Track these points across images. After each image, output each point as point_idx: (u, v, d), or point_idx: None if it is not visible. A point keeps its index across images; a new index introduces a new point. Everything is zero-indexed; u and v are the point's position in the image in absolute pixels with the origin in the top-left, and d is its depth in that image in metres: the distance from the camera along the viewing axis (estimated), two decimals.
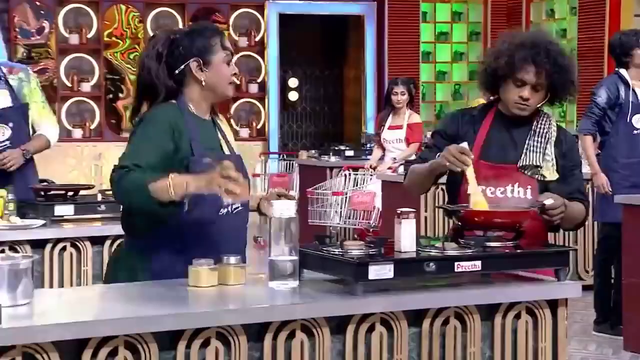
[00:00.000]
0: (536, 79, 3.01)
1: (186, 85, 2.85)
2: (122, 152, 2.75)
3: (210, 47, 2.84)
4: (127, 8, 10.61)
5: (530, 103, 3.04)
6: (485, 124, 3.11)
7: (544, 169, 3.03)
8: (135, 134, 2.79)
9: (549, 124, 3.10)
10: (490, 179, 3.02)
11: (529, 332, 2.72)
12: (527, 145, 3.05)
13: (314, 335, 2.47)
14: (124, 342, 2.28)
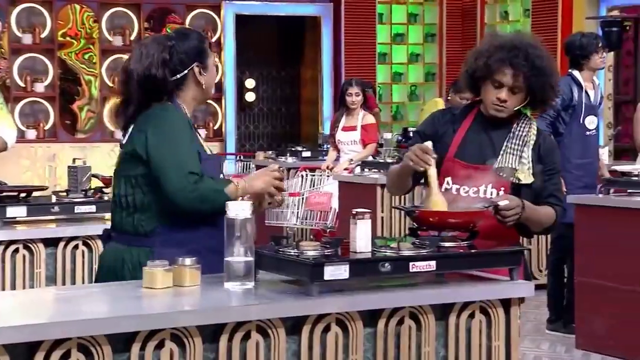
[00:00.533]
0: (513, 82, 3.02)
1: (183, 88, 2.92)
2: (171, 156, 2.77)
3: (206, 50, 2.95)
4: (82, 8, 10.50)
5: (507, 105, 3.05)
6: (464, 124, 3.12)
7: (519, 172, 3.04)
8: (171, 139, 2.80)
9: (529, 127, 3.09)
10: (464, 179, 3.04)
11: (482, 331, 2.74)
12: (504, 148, 3.06)
13: (270, 336, 2.47)
14: (77, 345, 2.26)
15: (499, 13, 11.18)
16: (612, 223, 5.08)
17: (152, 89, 2.88)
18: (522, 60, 3.01)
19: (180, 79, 2.91)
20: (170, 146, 2.81)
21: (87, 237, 4.13)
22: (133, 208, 2.86)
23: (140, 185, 2.86)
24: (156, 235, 2.83)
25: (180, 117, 2.89)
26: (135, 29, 10.71)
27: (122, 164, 2.92)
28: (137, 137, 2.85)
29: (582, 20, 9.71)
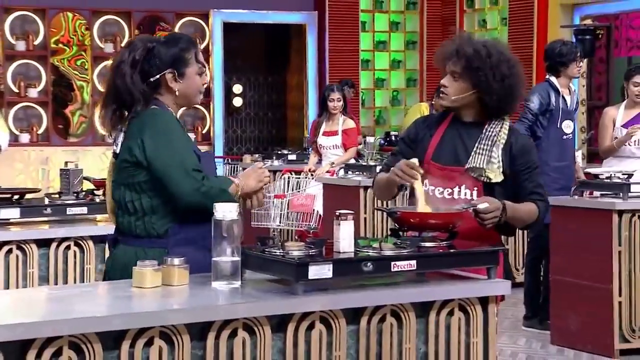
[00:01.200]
0: (454, 67, 3.07)
1: (160, 92, 2.89)
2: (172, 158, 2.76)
3: (186, 59, 2.89)
4: (74, 16, 10.46)
5: (447, 91, 3.09)
6: (440, 128, 3.14)
7: (489, 171, 3.04)
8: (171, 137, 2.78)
9: (500, 127, 3.09)
10: (439, 180, 3.07)
11: (461, 328, 2.75)
12: (475, 149, 3.07)
13: (256, 333, 2.46)
14: (69, 343, 2.24)
15: (477, 21, 11.22)
16: (586, 224, 5.09)
17: (122, 89, 2.83)
18: (454, 46, 3.08)
19: (155, 83, 2.87)
20: (169, 148, 2.79)
21: (79, 237, 4.12)
22: (142, 212, 2.83)
23: (145, 190, 2.82)
24: (170, 235, 2.80)
25: (171, 117, 2.86)
26: (126, 36, 10.68)
27: (120, 173, 2.86)
28: (134, 145, 2.80)
29: (557, 28, 9.76)
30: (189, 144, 2.85)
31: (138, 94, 2.83)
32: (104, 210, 4.34)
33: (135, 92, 2.83)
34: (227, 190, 2.79)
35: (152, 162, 2.78)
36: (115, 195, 2.89)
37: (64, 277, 4.05)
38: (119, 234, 2.91)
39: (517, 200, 3.06)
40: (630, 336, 5.03)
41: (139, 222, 2.83)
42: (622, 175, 5.15)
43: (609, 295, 4.99)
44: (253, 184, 2.86)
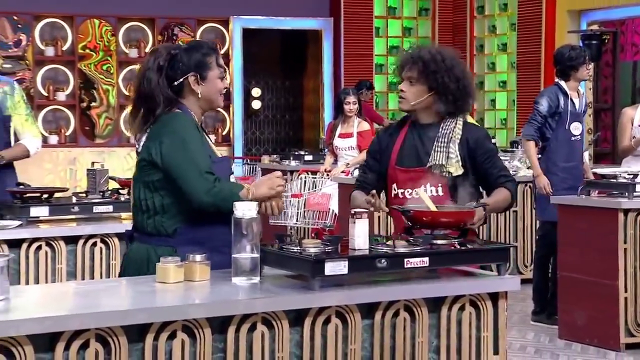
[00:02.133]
0: (410, 73, 3.17)
1: (183, 96, 2.92)
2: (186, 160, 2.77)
3: (207, 63, 2.92)
4: (100, 22, 10.50)
5: (405, 95, 3.19)
6: (401, 134, 3.25)
7: (449, 166, 3.13)
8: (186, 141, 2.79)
9: (453, 124, 3.19)
10: (406, 182, 3.16)
11: (472, 323, 2.74)
12: (434, 148, 3.17)
13: (274, 327, 2.46)
14: (95, 335, 2.25)
15: (487, 27, 11.17)
16: (593, 222, 5.06)
17: (149, 93, 2.86)
18: (420, 55, 3.16)
19: (179, 87, 2.90)
20: (184, 151, 2.80)
21: (105, 235, 4.13)
22: (153, 211, 2.84)
23: (158, 189, 2.84)
24: (178, 235, 2.81)
25: (189, 122, 2.87)
26: (150, 41, 10.71)
27: (139, 171, 2.90)
28: (152, 146, 2.83)
29: (565, 33, 9.70)
30: (204, 148, 2.86)
31: (162, 98, 2.86)
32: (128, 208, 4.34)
33: (159, 96, 2.86)
34: (238, 194, 2.78)
35: (166, 163, 2.80)
36: (134, 193, 2.92)
37: (90, 272, 4.06)
38: (135, 231, 2.94)
39: (487, 186, 3.19)
40: (636, 330, 5.00)
41: (150, 220, 2.84)
42: (627, 175, 5.12)
43: (615, 291, 4.96)
44: (264, 191, 2.83)
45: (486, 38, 11.18)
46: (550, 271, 5.72)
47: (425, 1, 11.61)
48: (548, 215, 5.62)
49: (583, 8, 9.82)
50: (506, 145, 9.57)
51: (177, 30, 10.88)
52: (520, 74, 10.56)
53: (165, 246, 2.79)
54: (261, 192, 2.84)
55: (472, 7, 11.20)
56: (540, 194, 5.73)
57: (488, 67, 11.15)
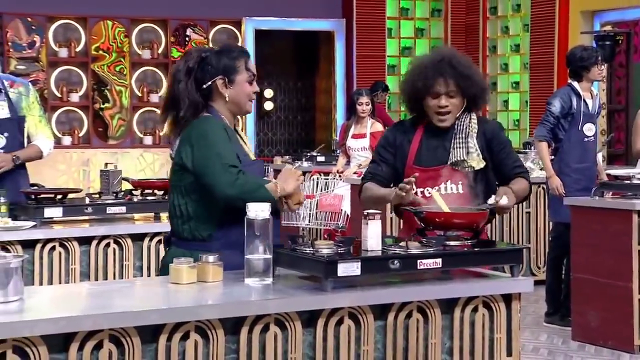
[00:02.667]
0: (447, 87, 3.16)
1: (212, 99, 2.93)
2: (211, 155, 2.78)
3: (236, 67, 2.93)
4: (114, 24, 10.54)
5: (449, 109, 3.18)
6: (417, 133, 3.24)
7: (470, 160, 3.16)
8: (214, 141, 2.81)
9: (468, 119, 3.21)
10: (425, 182, 3.15)
11: (485, 324, 2.73)
12: (452, 145, 3.18)
13: (287, 328, 2.46)
14: (109, 336, 2.26)
15: (500, 28, 11.14)
16: (606, 223, 5.04)
17: (177, 96, 2.88)
18: (448, 68, 3.16)
19: (208, 90, 2.91)
20: (209, 147, 2.81)
21: (118, 236, 4.14)
22: (187, 216, 2.85)
23: (189, 193, 2.85)
24: (214, 239, 2.81)
25: (217, 125, 2.87)
26: (163, 43, 10.74)
27: (173, 175, 2.94)
28: (183, 150, 2.86)
29: (578, 34, 9.67)
30: (232, 148, 2.85)
31: (187, 101, 2.87)
32: (141, 209, 4.37)
33: (185, 99, 2.88)
34: (264, 187, 2.77)
35: (196, 166, 2.81)
36: (169, 198, 2.96)
37: (104, 273, 4.08)
38: (172, 235, 2.95)
39: (502, 177, 3.18)
40: None
41: (185, 225, 2.86)
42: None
43: (628, 293, 4.94)
44: (293, 184, 2.85)
45: (499, 39, 11.15)
46: (563, 273, 5.70)
47: (437, 2, 11.59)
48: (561, 217, 5.60)
49: (596, 9, 9.78)
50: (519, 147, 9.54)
51: (189, 31, 10.90)
52: (533, 75, 10.52)
53: (202, 250, 2.75)
54: (291, 186, 2.85)
55: (485, 7, 11.17)
56: (553, 195, 5.71)
57: (501, 68, 11.12)
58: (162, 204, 4.39)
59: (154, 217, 4.37)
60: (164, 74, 10.81)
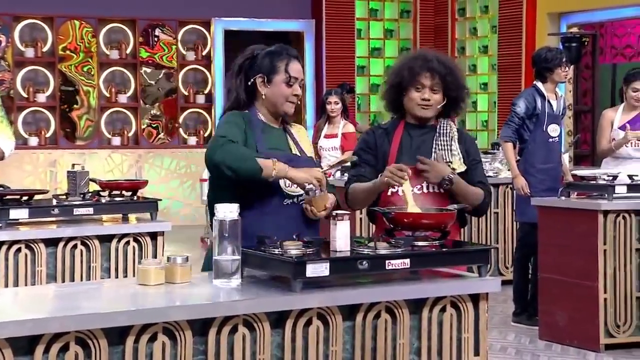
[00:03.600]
0: (432, 82, 3.24)
1: (256, 96, 3.05)
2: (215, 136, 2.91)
3: (275, 67, 3.02)
4: (81, 24, 10.46)
5: (431, 103, 3.26)
6: (397, 135, 3.30)
7: (453, 162, 3.23)
8: (221, 124, 2.98)
9: (450, 126, 3.31)
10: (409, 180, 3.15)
11: (453, 324, 2.74)
12: (435, 146, 3.25)
13: (255, 329, 2.46)
14: (75, 338, 2.24)
15: (468, 29, 11.22)
16: (573, 223, 5.09)
17: (230, 90, 3.03)
18: (436, 64, 3.24)
19: (252, 87, 3.03)
20: (215, 134, 2.95)
21: (85, 237, 4.11)
22: (210, 206, 2.90)
23: (214, 187, 3.01)
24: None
25: (234, 115, 2.99)
26: (131, 43, 10.67)
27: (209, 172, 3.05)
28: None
29: (545, 36, 9.77)
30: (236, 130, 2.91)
31: (233, 95, 3.03)
32: (109, 210, 4.34)
33: (233, 93, 3.03)
34: (253, 159, 2.83)
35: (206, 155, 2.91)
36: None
37: (70, 275, 4.04)
38: None
39: None
40: (615, 331, 5.04)
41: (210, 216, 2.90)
42: (607, 177, 5.15)
43: (594, 292, 4.99)
44: (301, 176, 2.88)
45: (467, 40, 11.23)
46: (530, 272, 5.75)
47: (406, 3, 11.64)
48: (527, 217, 5.65)
49: (563, 11, 9.89)
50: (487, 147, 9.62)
51: (158, 31, 10.85)
52: (501, 76, 10.61)
53: None
54: (297, 176, 2.88)
55: (453, 9, 11.24)
56: (519, 196, 5.76)
57: (469, 69, 11.20)
58: (131, 204, 4.37)
59: (122, 219, 4.35)
60: (132, 74, 10.75)
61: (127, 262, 4.22)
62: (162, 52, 10.88)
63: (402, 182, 3.04)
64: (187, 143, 10.98)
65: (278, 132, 3.07)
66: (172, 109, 10.99)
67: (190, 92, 10.98)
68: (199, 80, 11.12)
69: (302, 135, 3.16)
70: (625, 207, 5.00)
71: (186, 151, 10.88)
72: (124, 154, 10.59)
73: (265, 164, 2.84)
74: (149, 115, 10.92)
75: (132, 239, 4.23)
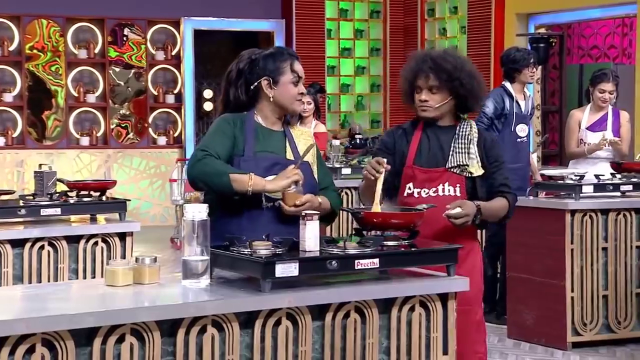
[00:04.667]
0: (427, 82, 3.22)
1: (259, 99, 3.04)
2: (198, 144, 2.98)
3: (281, 68, 3.03)
4: (48, 22, 10.36)
5: (429, 104, 3.23)
6: (416, 135, 3.28)
7: (470, 166, 3.21)
8: (209, 131, 3.02)
9: (470, 127, 3.27)
10: (424, 182, 3.21)
11: (422, 324, 2.76)
12: (452, 148, 3.23)
13: (224, 329, 2.45)
14: (41, 340, 2.22)
15: (437, 30, 11.28)
16: (541, 223, 5.13)
17: (230, 94, 3.03)
18: (430, 64, 3.22)
19: (255, 90, 3.02)
20: (202, 139, 2.98)
21: (53, 238, 4.07)
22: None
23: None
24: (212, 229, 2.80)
25: (223, 121, 3.00)
26: (99, 42, 10.59)
27: None
28: None
29: (513, 36, 9.84)
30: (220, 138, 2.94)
31: (234, 99, 3.03)
32: (77, 211, 4.31)
33: (236, 98, 3.03)
34: (226, 174, 2.85)
35: None
36: None
37: (37, 276, 4.01)
38: None
39: (487, 191, 3.22)
40: (582, 329, 5.09)
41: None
42: (574, 176, 5.20)
43: (562, 291, 5.03)
44: (275, 184, 2.90)
45: (437, 41, 11.28)
46: (499, 272, 5.79)
47: (376, 4, 11.67)
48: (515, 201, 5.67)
49: (531, 11, 9.97)
50: None
51: (127, 31, 10.78)
52: None
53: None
54: (272, 185, 2.89)
55: (423, 9, 11.29)
56: None
57: None
58: (99, 205, 4.34)
59: (90, 219, 4.32)
60: (101, 74, 10.67)
61: (95, 263, 4.19)
62: (131, 52, 10.81)
63: (377, 175, 3.02)
64: (157, 143, 10.91)
65: (275, 135, 3.07)
66: (141, 108, 10.92)
67: (159, 92, 10.92)
68: (169, 80, 11.06)
69: (304, 139, 3.14)
70: (592, 206, 5.05)
71: (156, 151, 10.83)
72: (93, 154, 10.51)
73: (240, 179, 2.87)
74: (118, 115, 10.85)
75: (101, 240, 4.21)
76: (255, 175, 2.89)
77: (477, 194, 3.20)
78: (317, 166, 3.13)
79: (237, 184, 2.86)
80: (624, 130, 5.88)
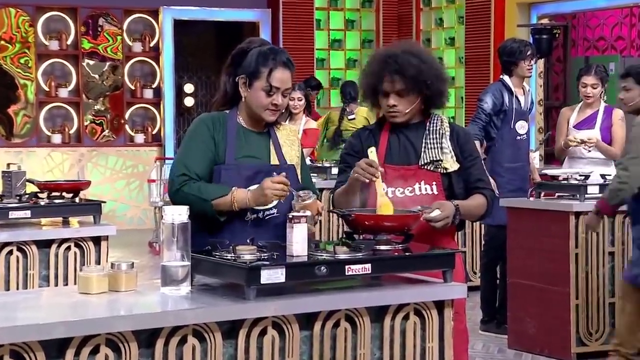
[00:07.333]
0: (394, 87, 3.22)
1: (240, 97, 3.08)
2: (176, 156, 3.05)
3: (258, 72, 3.03)
4: (17, 12, 10.33)
5: (398, 109, 3.24)
6: (384, 134, 3.30)
7: (444, 161, 3.23)
8: (186, 137, 3.06)
9: (440, 122, 3.29)
10: (398, 180, 3.21)
11: (416, 333, 2.76)
12: (424, 145, 3.24)
13: (206, 340, 2.45)
14: (9, 351, 2.21)
15: (434, 20, 11.30)
16: (543, 225, 5.15)
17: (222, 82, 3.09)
18: (395, 66, 3.20)
19: (235, 87, 3.06)
20: (180, 149, 3.05)
21: (22, 242, 4.07)
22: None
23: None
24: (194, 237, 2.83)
25: (201, 124, 3.04)
26: (72, 33, 10.57)
27: None
28: None
29: (514, 27, 9.87)
30: (201, 150, 2.99)
31: (222, 88, 3.09)
32: (48, 213, 4.30)
33: (222, 89, 3.09)
34: (208, 201, 2.92)
35: None
36: None
37: (5, 283, 4.00)
38: None
39: (465, 189, 3.25)
40: (587, 339, 5.11)
41: None
42: (579, 176, 5.21)
43: (566, 298, 5.05)
44: (262, 200, 2.94)
45: (433, 32, 11.31)
46: (498, 278, 5.80)
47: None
48: (494, 219, 5.69)
49: (533, 1, 10.00)
50: None
51: (102, 21, 10.77)
52: (468, 70, 10.70)
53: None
54: (260, 199, 2.94)
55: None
56: None
57: None
58: (72, 207, 4.33)
59: (63, 222, 4.31)
60: (73, 66, 10.65)
61: (67, 270, 4.19)
62: (106, 43, 10.79)
63: (374, 178, 3.05)
64: (134, 141, 10.89)
65: (258, 137, 3.08)
66: (117, 104, 10.91)
67: (137, 86, 10.90)
68: (147, 73, 11.05)
69: (289, 139, 3.15)
70: None
71: (133, 150, 10.81)
72: (65, 153, 10.48)
73: (223, 202, 2.93)
74: (93, 110, 10.83)
75: (74, 244, 4.20)
76: (237, 191, 2.94)
77: (454, 191, 3.23)
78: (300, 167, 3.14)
79: (222, 207, 2.94)
80: (615, 129, 5.74)
